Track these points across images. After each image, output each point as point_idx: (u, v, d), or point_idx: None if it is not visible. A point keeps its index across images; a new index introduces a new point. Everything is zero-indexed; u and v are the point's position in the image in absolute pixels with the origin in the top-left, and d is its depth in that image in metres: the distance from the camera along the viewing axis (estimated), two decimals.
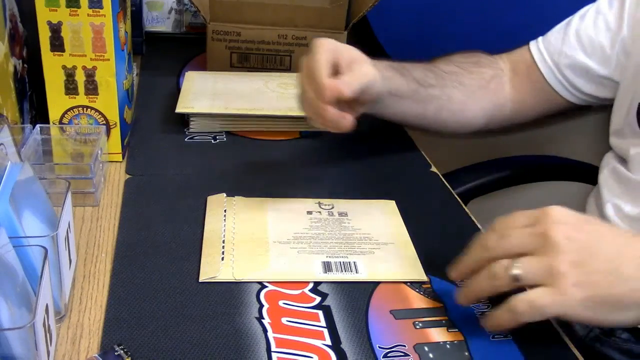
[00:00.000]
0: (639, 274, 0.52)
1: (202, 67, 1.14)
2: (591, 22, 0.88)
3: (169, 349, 0.55)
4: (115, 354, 0.53)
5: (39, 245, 0.52)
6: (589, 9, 0.89)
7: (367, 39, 1.44)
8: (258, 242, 0.68)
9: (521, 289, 0.54)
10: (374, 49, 1.45)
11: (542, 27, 0.94)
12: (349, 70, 0.70)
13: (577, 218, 0.55)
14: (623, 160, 0.85)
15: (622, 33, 0.84)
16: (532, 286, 0.53)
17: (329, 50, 0.70)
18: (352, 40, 1.17)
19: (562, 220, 0.54)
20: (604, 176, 0.88)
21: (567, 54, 0.89)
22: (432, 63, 0.89)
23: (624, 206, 0.82)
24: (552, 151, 1.57)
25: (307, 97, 0.69)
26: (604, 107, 0.93)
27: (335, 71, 0.70)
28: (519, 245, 0.54)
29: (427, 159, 0.92)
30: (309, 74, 0.68)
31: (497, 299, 0.56)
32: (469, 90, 0.89)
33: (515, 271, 0.53)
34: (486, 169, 1.58)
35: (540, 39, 0.93)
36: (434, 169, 0.89)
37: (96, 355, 0.53)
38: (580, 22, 0.89)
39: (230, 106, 0.94)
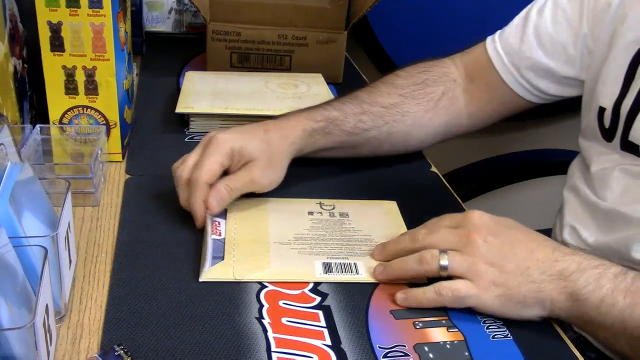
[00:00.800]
0: (542, 277, 0.59)
1: (202, 67, 1.14)
2: (550, 17, 0.81)
3: (169, 349, 0.55)
4: (115, 354, 0.53)
5: (39, 245, 0.52)
6: (546, 1, 0.83)
7: (367, 39, 1.44)
8: (259, 243, 0.68)
9: (441, 279, 0.61)
10: (374, 49, 1.46)
11: None
12: (236, 174, 0.72)
13: (496, 222, 0.63)
14: (586, 177, 0.81)
15: (583, 29, 0.78)
16: (456, 277, 0.61)
17: (222, 154, 0.71)
18: (352, 41, 1.17)
19: (481, 225, 0.62)
20: (567, 192, 0.84)
21: (526, 55, 0.82)
22: (373, 96, 0.85)
23: (582, 231, 0.78)
24: (555, 146, 1.57)
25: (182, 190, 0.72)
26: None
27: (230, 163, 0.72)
28: (446, 242, 0.62)
29: (427, 159, 0.92)
30: (191, 180, 0.70)
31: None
32: (413, 119, 0.85)
33: (443, 262, 0.61)
34: (486, 168, 1.58)
35: (497, 36, 0.86)
36: (434, 169, 0.89)
37: (96, 355, 0.53)
38: (539, 17, 0.82)
39: (230, 106, 0.94)
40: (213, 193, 0.69)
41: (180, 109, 0.92)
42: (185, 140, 0.91)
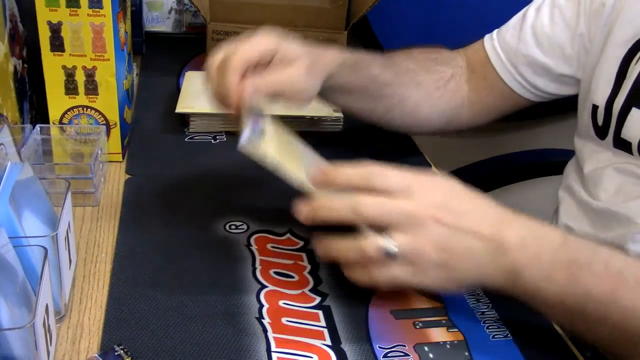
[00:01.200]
0: (486, 257, 0.55)
1: (202, 67, 1.14)
2: (547, 16, 0.81)
3: (169, 349, 0.55)
4: (115, 354, 0.53)
5: (39, 245, 0.52)
6: (544, 1, 0.83)
7: (367, 39, 1.44)
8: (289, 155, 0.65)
9: None
10: (374, 49, 1.46)
11: None
12: (274, 69, 0.66)
13: (447, 196, 0.56)
14: (580, 177, 0.81)
15: (579, 29, 0.79)
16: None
17: (263, 44, 0.65)
18: (352, 40, 1.17)
19: (433, 203, 0.55)
20: (562, 192, 0.84)
21: (523, 53, 0.82)
22: (394, 58, 0.85)
23: (577, 230, 0.78)
24: (554, 146, 1.57)
25: (213, 82, 0.66)
26: None
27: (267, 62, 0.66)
28: (392, 218, 0.54)
29: (428, 159, 0.92)
30: (224, 65, 0.64)
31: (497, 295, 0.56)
32: (425, 91, 0.85)
33: (387, 248, 0.54)
34: (485, 168, 1.58)
35: (495, 34, 0.87)
36: (434, 169, 0.89)
37: (96, 355, 0.53)
38: (536, 16, 0.82)
39: None
40: (248, 82, 0.63)
41: (180, 109, 0.92)
42: (185, 140, 0.91)
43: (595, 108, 0.77)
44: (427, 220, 0.54)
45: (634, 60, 0.73)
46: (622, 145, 0.74)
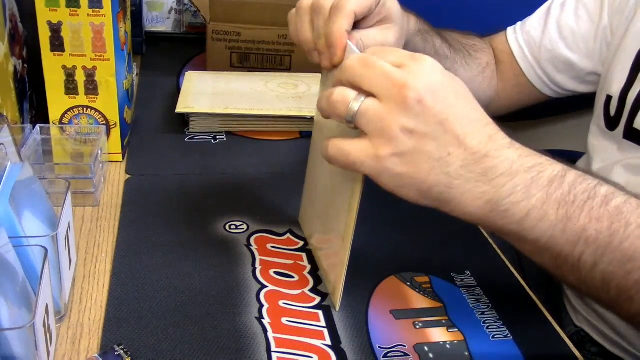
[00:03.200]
0: (460, 171, 0.48)
1: (202, 67, 1.14)
2: (572, 11, 0.83)
3: (169, 349, 0.55)
4: (115, 354, 0.53)
5: (39, 245, 0.52)
6: None
7: None
8: None
9: None
10: None
11: None
12: (376, 28, 0.61)
13: (443, 84, 0.48)
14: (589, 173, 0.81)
15: (603, 23, 0.80)
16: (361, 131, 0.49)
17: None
18: None
19: (426, 81, 0.47)
20: None
21: (547, 48, 0.84)
22: (446, 34, 0.83)
23: None
24: (558, 146, 1.57)
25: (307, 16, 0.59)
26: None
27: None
28: (374, 82, 0.48)
29: None
30: (335, 6, 0.57)
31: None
32: (471, 73, 0.86)
33: (351, 109, 0.48)
34: None
35: (518, 27, 0.87)
36: None
37: (96, 355, 0.53)
38: (561, 11, 0.83)
39: (230, 106, 0.94)
40: (356, 34, 0.59)
41: (180, 109, 0.92)
42: (185, 140, 0.91)
43: (609, 99, 0.77)
44: (408, 97, 0.46)
45: None
46: (633, 136, 0.74)
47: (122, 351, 0.53)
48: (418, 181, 0.48)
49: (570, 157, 0.98)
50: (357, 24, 0.59)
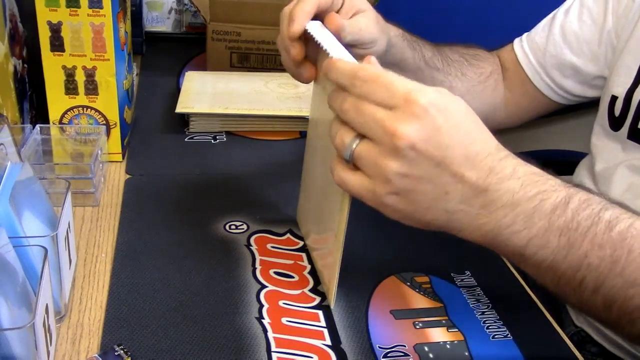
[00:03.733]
0: (459, 206, 0.48)
1: (202, 67, 1.14)
2: (576, 16, 0.83)
3: (169, 349, 0.55)
4: (115, 354, 0.53)
5: (39, 245, 0.52)
6: (573, 2, 0.84)
7: None
8: None
9: None
10: None
11: None
12: (345, 17, 0.65)
13: (438, 128, 0.46)
14: (592, 175, 0.81)
15: (607, 26, 0.80)
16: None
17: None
18: None
19: (419, 128, 0.46)
20: None
21: (552, 53, 0.84)
22: (439, 46, 0.84)
23: None
24: (560, 146, 1.57)
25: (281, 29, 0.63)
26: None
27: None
28: (367, 128, 0.48)
29: None
30: (296, 7, 0.61)
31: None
32: (469, 84, 0.85)
33: (347, 151, 0.49)
34: None
35: (524, 37, 0.88)
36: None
37: (96, 355, 0.53)
38: (565, 17, 0.84)
39: (230, 106, 0.94)
40: (334, 16, 0.62)
41: (180, 109, 0.92)
42: (185, 140, 0.91)
43: (614, 99, 0.77)
44: (400, 145, 0.46)
45: None
46: (638, 136, 0.74)
47: (122, 351, 0.53)
48: (417, 216, 0.49)
49: (571, 157, 0.98)
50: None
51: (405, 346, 0.57)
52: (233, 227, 0.72)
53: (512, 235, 0.48)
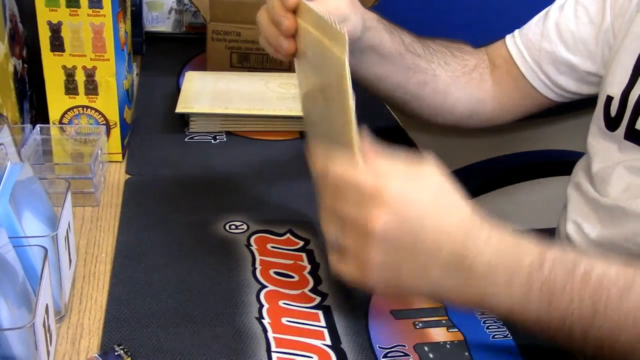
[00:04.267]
0: (442, 280, 0.51)
1: (202, 67, 1.14)
2: (571, 13, 0.81)
3: (169, 349, 0.55)
4: (115, 354, 0.53)
5: (39, 245, 0.52)
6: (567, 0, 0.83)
7: None
8: None
9: None
10: None
11: None
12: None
13: (406, 215, 0.50)
14: (589, 175, 0.81)
15: (605, 25, 0.78)
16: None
17: None
18: None
19: (387, 221, 0.50)
20: (570, 190, 0.84)
21: (547, 50, 0.83)
22: (420, 37, 0.82)
23: (585, 226, 0.78)
24: (559, 146, 1.57)
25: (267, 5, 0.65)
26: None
27: None
28: (344, 229, 0.52)
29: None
30: None
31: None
32: (453, 74, 0.84)
33: (337, 245, 0.53)
34: (487, 168, 1.58)
35: (516, 33, 0.86)
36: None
37: (96, 355, 0.53)
38: (560, 13, 0.82)
39: (230, 106, 0.94)
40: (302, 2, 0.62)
41: (180, 109, 0.92)
42: (185, 140, 0.91)
43: (609, 99, 0.77)
44: (372, 239, 0.50)
45: None
46: (635, 137, 0.74)
47: (122, 351, 0.53)
48: (406, 289, 0.54)
49: (570, 157, 0.98)
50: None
51: (405, 346, 0.57)
52: (233, 227, 0.72)
53: (495, 300, 0.51)
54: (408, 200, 0.50)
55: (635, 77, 0.74)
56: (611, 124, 0.77)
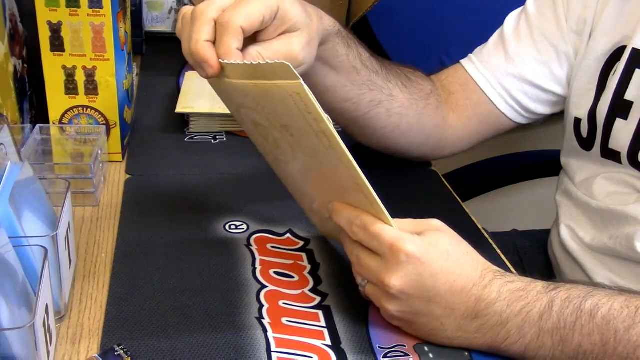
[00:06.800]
0: (457, 333, 0.55)
1: None
2: (528, 36, 0.80)
3: (169, 349, 0.55)
4: (115, 354, 0.53)
5: (39, 245, 0.52)
6: (519, 21, 0.81)
7: (367, 39, 1.44)
8: None
9: None
10: (374, 49, 1.45)
11: None
12: (277, 38, 0.58)
13: (422, 275, 0.54)
14: (574, 184, 0.81)
15: (562, 48, 0.78)
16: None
17: (267, 5, 0.55)
18: None
19: (404, 276, 0.54)
20: (559, 197, 0.84)
21: (514, 74, 0.80)
22: (376, 56, 0.76)
23: (578, 230, 0.79)
24: (559, 146, 1.56)
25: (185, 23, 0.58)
26: None
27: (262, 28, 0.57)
28: (365, 276, 0.58)
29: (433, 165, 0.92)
30: (221, 22, 0.54)
31: None
32: (410, 97, 0.78)
33: (363, 290, 0.59)
34: (486, 168, 1.58)
35: (473, 58, 0.83)
36: (434, 167, 0.89)
37: (96, 355, 0.53)
38: (516, 38, 0.81)
39: None
40: (252, 49, 0.56)
41: (180, 109, 0.92)
42: (185, 140, 0.91)
43: (578, 121, 0.77)
44: (390, 292, 0.55)
45: (611, 72, 0.74)
46: (611, 155, 0.74)
47: (122, 351, 0.53)
48: (425, 337, 0.57)
49: None
50: (257, 36, 0.57)
51: (405, 346, 0.57)
52: (233, 227, 0.72)
53: (509, 346, 0.54)
54: (424, 257, 0.54)
55: (598, 97, 0.75)
56: (585, 143, 0.77)
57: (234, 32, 0.54)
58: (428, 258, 0.54)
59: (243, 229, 0.72)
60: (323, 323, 0.59)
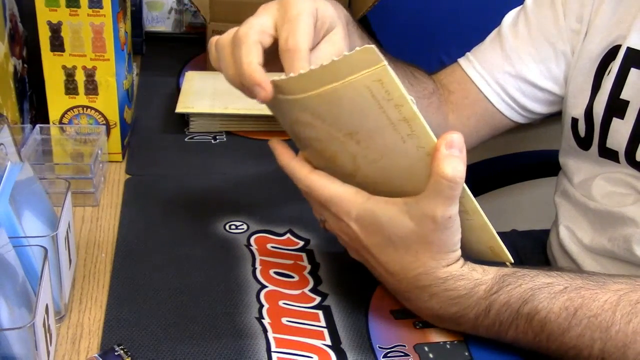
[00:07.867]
0: (406, 291, 0.57)
1: (202, 67, 1.14)
2: (525, 34, 0.80)
3: (169, 349, 0.55)
4: (115, 354, 0.53)
5: (39, 245, 0.52)
6: (517, 19, 0.81)
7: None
8: None
9: None
10: None
11: None
12: (324, 40, 0.57)
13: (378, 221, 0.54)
14: (572, 185, 0.81)
15: (560, 47, 0.78)
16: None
17: (308, 13, 0.53)
18: None
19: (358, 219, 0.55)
20: (558, 198, 0.84)
21: (511, 73, 0.80)
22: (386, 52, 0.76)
23: (577, 232, 0.79)
24: (556, 147, 1.56)
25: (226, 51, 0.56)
26: None
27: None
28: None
29: None
30: (284, 47, 0.52)
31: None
32: (417, 95, 0.79)
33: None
34: (486, 168, 1.58)
35: (471, 57, 0.84)
36: None
37: (96, 355, 0.53)
38: (515, 36, 0.81)
39: (230, 106, 0.94)
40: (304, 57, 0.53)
41: (180, 109, 0.92)
42: (185, 140, 0.91)
43: (575, 121, 0.77)
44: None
45: (606, 71, 0.74)
46: (609, 154, 0.74)
47: (122, 351, 0.53)
48: (378, 277, 0.59)
49: None
50: None
51: (405, 346, 0.57)
52: (233, 227, 0.72)
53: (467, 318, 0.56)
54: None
55: (593, 97, 0.75)
56: (582, 143, 0.77)
57: (304, 57, 0.52)
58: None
59: (243, 229, 0.72)
60: (323, 323, 0.59)
